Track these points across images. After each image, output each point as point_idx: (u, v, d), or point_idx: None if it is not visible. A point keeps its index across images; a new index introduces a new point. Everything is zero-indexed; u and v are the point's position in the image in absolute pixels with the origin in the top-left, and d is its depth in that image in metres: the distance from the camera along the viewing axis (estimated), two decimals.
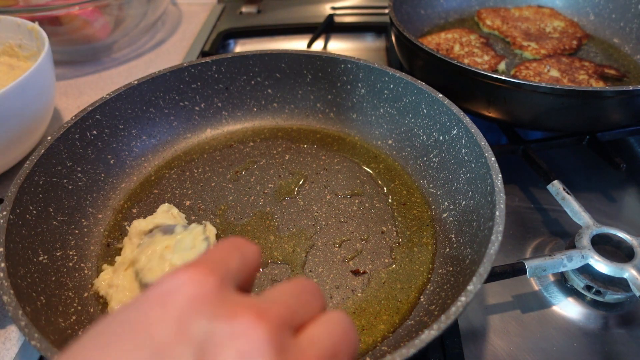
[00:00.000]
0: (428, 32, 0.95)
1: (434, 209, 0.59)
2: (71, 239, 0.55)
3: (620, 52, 0.88)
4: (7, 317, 0.54)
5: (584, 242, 0.53)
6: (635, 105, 0.62)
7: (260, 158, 0.68)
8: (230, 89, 0.71)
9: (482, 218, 0.49)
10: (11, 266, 0.44)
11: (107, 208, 0.61)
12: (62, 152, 0.57)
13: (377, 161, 0.67)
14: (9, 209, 0.47)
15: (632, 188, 0.70)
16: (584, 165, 0.73)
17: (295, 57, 0.71)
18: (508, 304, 0.55)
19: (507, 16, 0.97)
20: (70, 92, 0.93)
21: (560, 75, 0.78)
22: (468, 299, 0.38)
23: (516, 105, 0.65)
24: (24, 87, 0.64)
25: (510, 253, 0.60)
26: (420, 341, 0.36)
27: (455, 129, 0.58)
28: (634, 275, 0.50)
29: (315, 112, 0.74)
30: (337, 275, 0.53)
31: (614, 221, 0.64)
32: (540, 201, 0.67)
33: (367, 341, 0.46)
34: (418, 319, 0.47)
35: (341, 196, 0.62)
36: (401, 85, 0.65)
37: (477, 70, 0.63)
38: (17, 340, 0.52)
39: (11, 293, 0.41)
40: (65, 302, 0.48)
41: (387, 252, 0.55)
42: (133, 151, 0.66)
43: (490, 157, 0.51)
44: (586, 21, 0.96)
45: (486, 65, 0.81)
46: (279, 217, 0.59)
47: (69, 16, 0.92)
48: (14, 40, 0.80)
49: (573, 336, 0.51)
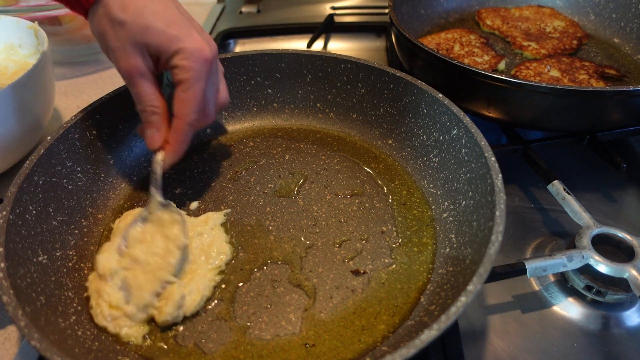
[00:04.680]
0: (428, 32, 0.95)
1: (434, 209, 0.59)
2: (71, 239, 0.55)
3: (620, 52, 0.88)
4: (7, 317, 0.54)
5: (584, 242, 0.53)
6: (635, 105, 0.62)
7: (260, 158, 0.68)
8: (230, 89, 0.71)
9: (482, 218, 0.49)
10: (11, 266, 0.44)
11: (107, 208, 0.61)
12: (62, 152, 0.57)
13: (377, 161, 0.67)
14: (9, 209, 0.47)
15: (632, 188, 0.70)
16: (584, 165, 0.73)
17: (295, 57, 0.70)
18: (508, 304, 0.55)
19: (507, 16, 0.97)
20: (70, 92, 0.93)
21: (561, 75, 0.78)
22: (468, 299, 0.38)
23: (516, 105, 0.64)
24: (23, 87, 0.64)
25: (511, 253, 0.60)
26: (420, 341, 0.36)
27: (455, 129, 0.58)
28: (634, 275, 0.50)
29: (315, 112, 0.74)
30: (337, 275, 0.53)
31: (614, 221, 0.64)
32: (541, 201, 0.67)
33: (367, 341, 0.46)
34: (418, 319, 0.47)
35: (341, 196, 0.62)
36: (401, 85, 0.64)
37: (477, 70, 0.63)
38: (17, 340, 0.52)
39: (11, 293, 0.41)
40: (65, 302, 0.48)
41: (387, 252, 0.55)
42: (133, 151, 0.66)
43: (490, 157, 0.51)
44: (586, 21, 0.96)
45: (486, 65, 0.81)
46: (279, 217, 0.59)
47: (68, 16, 0.92)
48: (13, 40, 0.80)
49: (573, 336, 0.51)
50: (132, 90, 0.54)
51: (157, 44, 0.50)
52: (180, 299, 0.48)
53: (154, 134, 0.55)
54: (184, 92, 0.52)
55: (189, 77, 0.52)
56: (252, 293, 0.51)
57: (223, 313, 0.49)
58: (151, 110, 0.54)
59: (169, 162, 0.56)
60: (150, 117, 0.55)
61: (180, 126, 0.54)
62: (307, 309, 0.49)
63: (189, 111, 0.53)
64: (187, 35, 0.51)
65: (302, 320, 0.48)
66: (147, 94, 0.53)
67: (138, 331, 0.47)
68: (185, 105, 0.53)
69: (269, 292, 0.51)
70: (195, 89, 0.52)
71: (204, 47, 0.52)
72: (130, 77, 0.52)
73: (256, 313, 0.49)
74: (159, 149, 0.56)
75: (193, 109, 0.53)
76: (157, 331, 0.48)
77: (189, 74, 0.51)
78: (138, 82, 0.53)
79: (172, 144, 0.55)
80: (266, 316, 0.49)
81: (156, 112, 0.55)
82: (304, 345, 0.46)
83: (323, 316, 0.49)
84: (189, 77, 0.52)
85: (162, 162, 0.56)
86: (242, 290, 0.51)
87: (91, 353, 0.44)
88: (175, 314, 0.47)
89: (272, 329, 0.48)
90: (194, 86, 0.52)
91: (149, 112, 0.54)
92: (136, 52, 0.51)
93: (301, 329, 0.48)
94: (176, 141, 0.55)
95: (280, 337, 0.47)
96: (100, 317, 0.48)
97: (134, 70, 0.52)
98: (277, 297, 0.51)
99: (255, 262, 0.54)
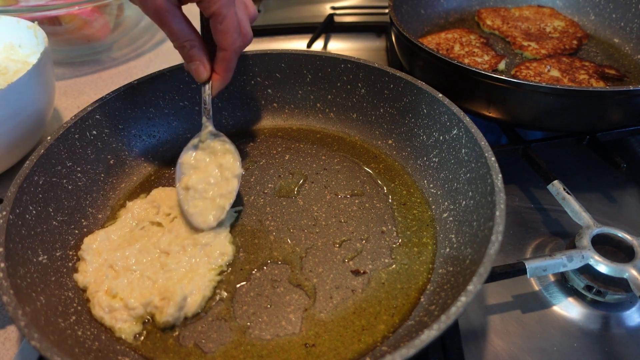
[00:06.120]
0: (428, 32, 0.95)
1: (434, 209, 0.59)
2: (71, 239, 0.55)
3: (620, 52, 0.88)
4: (7, 317, 0.54)
5: (584, 242, 0.53)
6: (635, 105, 0.62)
7: (260, 158, 0.68)
8: (230, 88, 0.71)
9: (482, 218, 0.49)
10: (11, 266, 0.44)
11: (107, 208, 0.61)
12: (62, 152, 0.57)
13: (377, 161, 0.67)
14: (9, 209, 0.47)
15: (632, 188, 0.70)
16: (584, 165, 0.73)
17: (295, 57, 0.70)
18: (508, 304, 0.55)
19: (508, 16, 0.97)
20: (70, 92, 0.93)
21: (561, 75, 0.78)
22: (468, 299, 0.38)
23: (516, 105, 0.64)
24: (24, 87, 0.64)
25: (511, 253, 0.60)
26: (420, 341, 0.36)
27: (455, 129, 0.58)
28: (634, 275, 0.50)
29: (315, 112, 0.73)
30: (337, 275, 0.53)
31: (614, 221, 0.64)
32: (541, 201, 0.67)
33: (367, 341, 0.46)
34: (418, 319, 0.47)
35: (341, 196, 0.62)
36: (401, 85, 0.64)
37: (477, 70, 0.63)
38: (16, 340, 0.52)
39: (11, 293, 0.41)
40: (65, 302, 0.48)
41: (387, 252, 0.55)
42: (133, 151, 0.66)
43: (490, 157, 0.51)
44: (586, 21, 0.96)
45: (486, 65, 0.81)
46: (279, 217, 0.59)
47: (68, 16, 0.92)
48: (13, 40, 0.80)
49: (573, 336, 0.51)
50: (164, 29, 0.54)
51: None
52: (182, 300, 0.48)
53: (199, 67, 0.56)
54: (220, 23, 0.53)
55: (219, 7, 0.51)
56: (252, 293, 0.51)
57: (223, 313, 0.49)
58: (189, 44, 0.55)
59: (217, 89, 0.58)
60: (190, 52, 0.55)
61: (227, 56, 0.56)
62: (307, 309, 0.49)
63: (231, 40, 0.54)
64: None
65: (302, 320, 0.48)
66: (180, 30, 0.54)
67: (132, 328, 0.47)
68: (227, 35, 0.54)
69: (269, 292, 0.51)
70: (229, 17, 0.53)
71: None
72: (159, 16, 0.52)
73: (256, 313, 0.49)
74: (207, 81, 0.58)
75: (234, 36, 0.54)
76: (157, 331, 0.48)
77: (217, 4, 0.51)
78: (168, 20, 0.52)
79: (221, 73, 0.57)
80: (266, 316, 0.49)
81: (195, 45, 0.55)
82: (304, 345, 0.46)
83: (323, 316, 0.49)
84: (219, 7, 0.51)
85: (210, 92, 0.58)
86: (242, 290, 0.52)
87: (91, 353, 0.44)
88: (176, 315, 0.47)
89: (272, 329, 0.48)
90: (227, 15, 0.52)
91: (187, 47, 0.55)
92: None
93: (301, 329, 0.48)
94: (225, 69, 0.57)
95: (280, 337, 0.47)
96: (97, 307, 0.48)
97: (161, 9, 0.51)
98: (277, 297, 0.51)
99: (255, 262, 0.54)
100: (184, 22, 0.54)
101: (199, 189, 0.56)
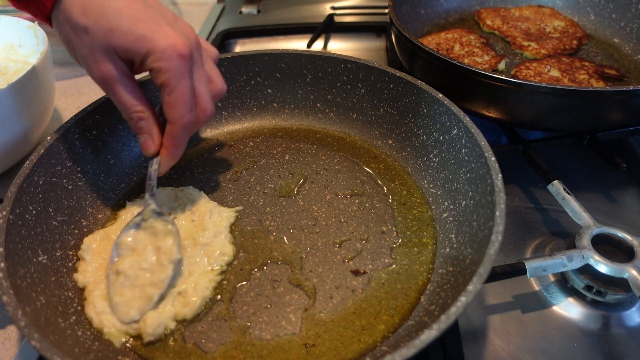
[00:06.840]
0: (428, 32, 0.95)
1: (434, 209, 0.59)
2: (71, 239, 0.55)
3: (620, 52, 0.88)
4: (7, 317, 0.54)
5: (584, 242, 0.53)
6: (635, 105, 0.62)
7: (260, 158, 0.68)
8: (230, 88, 0.71)
9: (482, 218, 0.49)
10: (11, 266, 0.44)
11: (107, 208, 0.61)
12: (62, 152, 0.57)
13: (377, 161, 0.67)
14: (9, 209, 0.47)
15: (632, 188, 0.70)
16: (584, 165, 0.73)
17: (295, 57, 0.70)
18: (508, 304, 0.55)
19: (507, 16, 0.97)
20: (70, 92, 0.93)
21: (561, 75, 0.78)
22: (468, 299, 0.38)
23: (516, 105, 0.64)
24: (23, 87, 0.64)
25: (511, 253, 0.60)
26: (420, 341, 0.36)
27: (455, 129, 0.58)
28: (634, 275, 0.50)
29: (315, 112, 0.74)
30: (337, 275, 0.53)
31: (614, 221, 0.64)
32: (541, 201, 0.67)
33: (367, 341, 0.46)
34: (418, 319, 0.47)
35: (341, 196, 0.62)
36: (401, 85, 0.64)
37: (477, 70, 0.63)
38: (16, 340, 0.52)
39: (11, 293, 0.41)
40: (65, 302, 0.48)
41: (387, 252, 0.55)
42: (133, 151, 0.66)
43: (490, 157, 0.51)
44: (586, 21, 0.96)
45: (486, 65, 0.81)
46: (279, 217, 0.59)
47: None
48: (13, 40, 0.81)
49: (573, 336, 0.51)
50: (112, 98, 0.51)
51: (124, 47, 0.46)
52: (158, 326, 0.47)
53: (147, 141, 0.53)
54: (169, 95, 0.48)
55: (168, 79, 0.47)
56: (252, 293, 0.51)
57: (223, 313, 0.49)
58: (137, 116, 0.51)
59: (165, 167, 0.54)
60: (138, 124, 0.52)
61: (175, 131, 0.51)
62: (307, 309, 0.49)
63: (179, 114, 0.49)
64: (156, 32, 0.47)
65: (302, 320, 0.48)
66: (127, 100, 0.50)
67: (120, 335, 0.47)
68: (174, 108, 0.49)
69: (269, 292, 0.51)
70: (179, 90, 0.48)
71: (176, 42, 0.47)
72: (106, 85, 0.49)
73: (256, 313, 0.49)
74: (155, 155, 0.54)
75: (183, 110, 0.49)
76: None
77: (166, 75, 0.47)
78: (114, 89, 0.49)
79: (168, 148, 0.53)
80: (266, 316, 0.49)
81: (143, 118, 0.51)
82: (304, 345, 0.46)
83: (323, 316, 0.49)
84: (168, 78, 0.47)
85: (157, 168, 0.53)
86: (242, 290, 0.52)
87: (91, 353, 0.44)
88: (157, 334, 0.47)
89: (272, 329, 0.48)
90: (177, 87, 0.48)
91: (135, 119, 0.51)
92: (106, 58, 0.47)
93: (301, 329, 0.48)
94: (172, 145, 0.52)
95: (280, 337, 0.47)
96: (90, 306, 0.48)
97: (107, 78, 0.48)
98: (277, 297, 0.51)
99: (255, 262, 0.54)
100: (134, 91, 0.50)
101: (130, 274, 0.49)
